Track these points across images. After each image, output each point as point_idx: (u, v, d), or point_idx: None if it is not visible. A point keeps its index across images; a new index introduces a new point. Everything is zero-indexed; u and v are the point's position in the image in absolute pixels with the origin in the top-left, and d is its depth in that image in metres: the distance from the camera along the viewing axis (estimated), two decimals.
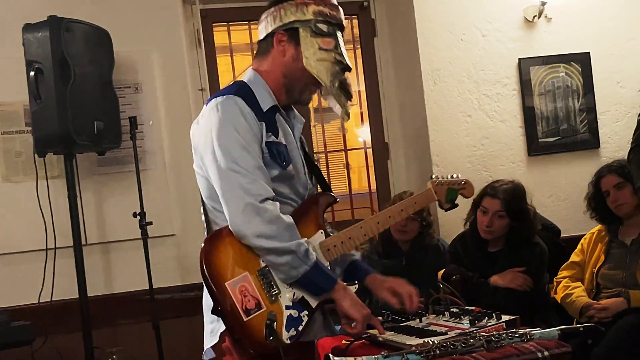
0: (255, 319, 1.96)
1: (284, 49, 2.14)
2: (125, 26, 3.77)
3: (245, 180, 1.97)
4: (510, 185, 3.48)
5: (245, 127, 2.02)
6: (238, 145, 1.99)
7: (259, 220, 1.96)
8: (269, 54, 2.17)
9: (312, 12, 2.12)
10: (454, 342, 1.90)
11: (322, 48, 2.12)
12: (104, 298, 3.76)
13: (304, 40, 2.12)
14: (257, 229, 1.96)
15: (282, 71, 2.15)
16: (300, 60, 2.12)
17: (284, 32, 2.13)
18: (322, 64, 2.12)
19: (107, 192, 3.81)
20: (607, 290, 3.35)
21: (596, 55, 4.33)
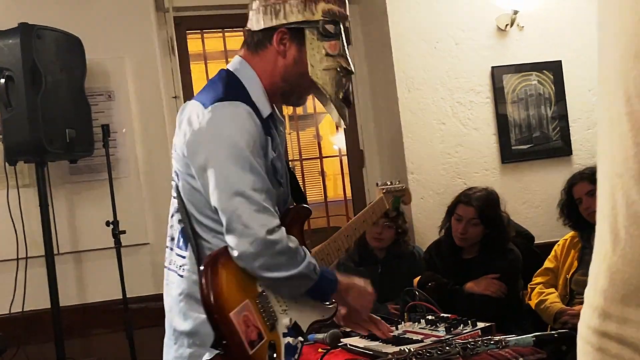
0: (259, 351, 1.78)
1: (285, 50, 1.89)
2: (97, 33, 3.74)
3: (254, 208, 1.74)
4: (484, 192, 3.50)
5: (256, 143, 1.78)
6: (248, 165, 1.75)
7: (267, 254, 1.75)
8: (265, 50, 1.91)
9: (321, 11, 1.88)
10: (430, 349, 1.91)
11: (329, 54, 1.89)
12: (76, 308, 3.71)
13: (310, 44, 1.88)
14: (266, 262, 1.76)
15: (282, 74, 1.91)
16: (304, 65, 1.89)
17: (286, 30, 1.88)
18: (328, 74, 1.90)
19: (79, 201, 3.77)
20: (580, 296, 3.37)
21: (568, 64, 4.38)
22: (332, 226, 4.63)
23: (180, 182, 1.88)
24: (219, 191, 1.76)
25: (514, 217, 4.06)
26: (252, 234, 1.73)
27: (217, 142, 1.77)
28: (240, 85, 1.88)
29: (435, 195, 4.13)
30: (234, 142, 1.76)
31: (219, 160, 1.76)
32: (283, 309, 1.86)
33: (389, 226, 3.71)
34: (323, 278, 1.88)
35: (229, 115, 1.78)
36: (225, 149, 1.76)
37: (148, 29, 3.91)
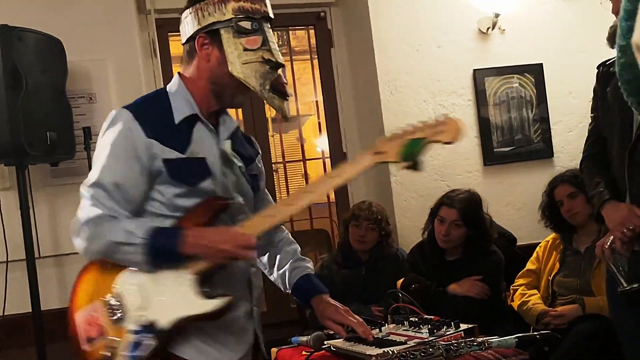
0: (96, 346, 1.94)
1: (208, 53, 1.96)
2: (78, 35, 3.71)
3: (89, 202, 1.90)
4: (467, 194, 3.52)
5: (120, 144, 1.89)
6: (102, 162, 1.91)
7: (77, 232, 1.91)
8: (194, 58, 1.99)
9: (231, 9, 1.93)
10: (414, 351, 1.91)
11: (247, 49, 1.93)
12: (58, 312, 3.67)
13: (227, 42, 1.93)
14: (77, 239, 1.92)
15: (209, 77, 1.97)
16: (226, 64, 1.94)
17: (205, 35, 1.95)
18: (249, 67, 1.93)
19: (60, 204, 3.74)
20: (562, 297, 3.40)
21: (549, 67, 4.41)
22: (315, 228, 4.63)
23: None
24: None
25: (497, 219, 4.08)
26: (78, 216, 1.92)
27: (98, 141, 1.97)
28: (157, 94, 2.07)
29: (418, 198, 4.14)
30: (103, 139, 1.94)
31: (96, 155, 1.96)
32: (141, 307, 1.87)
33: (372, 228, 3.72)
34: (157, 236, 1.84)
35: (109, 117, 1.97)
36: (98, 143, 1.96)
37: (130, 31, 3.90)
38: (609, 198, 2.48)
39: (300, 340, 2.45)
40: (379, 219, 3.73)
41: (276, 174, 4.62)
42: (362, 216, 3.73)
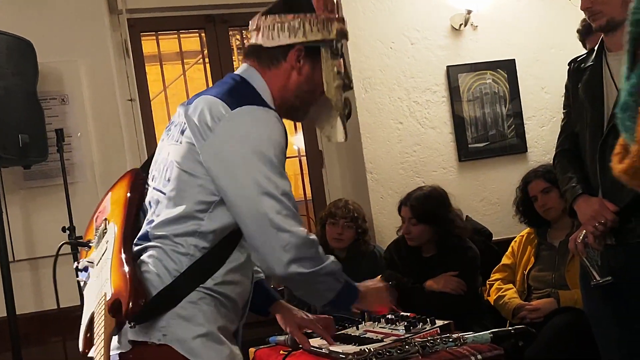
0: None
1: (302, 67, 1.89)
2: (49, 36, 3.67)
3: (284, 212, 1.72)
4: (425, 191, 3.54)
5: (283, 151, 1.78)
6: (280, 173, 1.74)
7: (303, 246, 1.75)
8: (279, 66, 1.89)
9: (335, 30, 1.89)
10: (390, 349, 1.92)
11: (339, 72, 1.91)
12: (33, 316, 3.65)
13: (326, 62, 1.89)
14: (300, 253, 1.74)
15: (294, 90, 1.90)
16: (316, 84, 1.89)
17: (303, 48, 1.88)
18: (339, 91, 1.91)
19: (34, 207, 3.70)
20: (537, 291, 3.43)
21: (521, 62, 4.45)
22: None
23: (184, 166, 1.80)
24: (245, 191, 1.73)
25: (472, 214, 4.12)
26: (280, 229, 1.71)
27: (247, 144, 1.73)
28: (257, 93, 1.86)
29: (394, 195, 4.15)
30: (264, 147, 1.74)
31: (247, 161, 1.73)
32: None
33: (349, 226, 3.73)
34: (349, 286, 1.89)
35: (260, 119, 1.76)
36: (256, 152, 1.73)
37: (101, 32, 3.86)
38: (582, 193, 2.51)
39: (278, 340, 2.45)
40: (355, 217, 3.74)
41: None
42: (339, 214, 3.73)
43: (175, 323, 1.71)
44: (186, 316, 1.71)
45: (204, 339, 1.71)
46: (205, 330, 1.72)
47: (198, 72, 4.70)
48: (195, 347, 1.70)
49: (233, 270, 1.79)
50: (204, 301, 1.74)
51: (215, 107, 1.77)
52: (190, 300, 1.73)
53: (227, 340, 1.76)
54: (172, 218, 1.77)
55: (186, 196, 1.77)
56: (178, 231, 1.76)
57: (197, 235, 1.75)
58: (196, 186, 1.76)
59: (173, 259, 1.75)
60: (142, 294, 1.67)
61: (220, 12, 4.28)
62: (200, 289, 1.74)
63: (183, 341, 1.70)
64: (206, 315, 1.73)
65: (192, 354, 1.70)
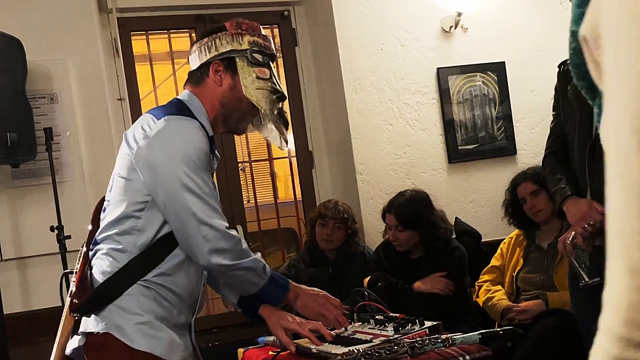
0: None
1: (221, 79, 2.13)
2: (38, 35, 3.66)
3: (207, 207, 1.96)
4: (407, 196, 3.51)
5: (203, 155, 2.00)
6: (199, 174, 1.97)
7: (221, 239, 1.96)
8: (204, 83, 2.15)
9: (247, 42, 2.14)
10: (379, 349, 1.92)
11: (259, 77, 2.13)
12: (21, 315, 3.63)
13: (242, 69, 2.12)
14: (218, 244, 1.96)
15: (220, 100, 2.13)
16: (239, 90, 2.12)
17: (220, 62, 2.13)
18: (261, 92, 2.13)
19: (22, 206, 3.68)
20: (526, 293, 3.44)
21: (511, 65, 4.46)
22: (282, 227, 4.62)
23: (122, 182, 2.05)
24: (169, 189, 1.95)
25: (461, 215, 4.12)
26: (204, 222, 1.94)
27: (170, 148, 1.97)
28: (189, 110, 2.09)
29: (384, 196, 4.15)
30: (186, 150, 1.96)
31: (171, 162, 1.95)
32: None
33: (338, 227, 3.73)
34: (274, 282, 2.12)
35: (182, 127, 2.00)
36: (178, 154, 1.96)
37: (91, 30, 3.85)
38: (571, 194, 2.52)
39: (266, 340, 2.44)
40: (345, 218, 3.74)
41: (243, 173, 4.60)
42: (329, 215, 3.73)
43: (113, 312, 1.95)
44: (123, 306, 1.95)
45: (141, 326, 1.94)
46: (142, 320, 1.94)
47: None
48: (132, 334, 1.93)
49: (175, 265, 2.00)
50: (141, 293, 1.96)
51: (145, 120, 2.05)
52: (129, 292, 1.96)
53: (168, 329, 1.98)
54: (113, 220, 2.01)
55: (124, 199, 2.01)
56: (118, 230, 2.00)
57: (134, 232, 1.98)
58: (132, 189, 2.00)
59: (113, 256, 1.99)
60: (83, 291, 1.96)
61: (210, 12, 4.28)
62: (140, 283, 1.97)
63: (120, 328, 1.94)
64: (142, 305, 1.95)
65: (129, 340, 1.93)
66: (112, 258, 2.00)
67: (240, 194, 4.35)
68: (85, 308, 1.97)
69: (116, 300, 1.95)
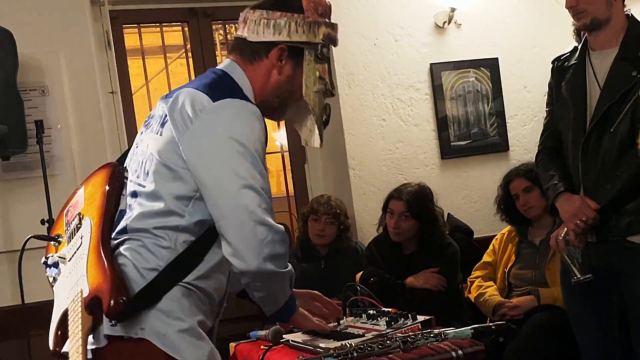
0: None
1: (282, 66, 1.86)
2: (29, 27, 3.63)
3: (264, 206, 1.70)
4: (415, 187, 3.55)
5: (263, 148, 1.77)
6: (259, 169, 1.72)
7: (279, 242, 1.71)
8: (261, 62, 1.87)
9: (322, 35, 1.87)
10: (371, 343, 1.92)
11: (321, 77, 1.89)
12: (12, 309, 3.60)
13: (308, 65, 1.87)
14: (276, 249, 1.70)
15: (274, 89, 1.88)
16: (297, 86, 1.88)
17: (286, 48, 1.85)
18: (318, 96, 1.90)
19: (13, 199, 3.66)
20: (518, 288, 3.45)
21: (504, 61, 4.46)
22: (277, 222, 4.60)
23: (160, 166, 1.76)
24: (223, 182, 1.70)
25: (454, 211, 4.13)
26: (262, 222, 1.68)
27: (228, 136, 1.71)
28: (238, 87, 1.83)
29: (377, 192, 4.15)
30: (247, 140, 1.71)
31: (228, 153, 1.70)
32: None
33: (331, 222, 3.72)
34: (292, 295, 1.87)
35: (243, 113, 1.74)
36: (236, 145, 1.70)
37: (83, 23, 3.82)
38: (563, 190, 2.52)
39: (259, 335, 2.44)
40: (337, 213, 3.74)
41: None
42: (321, 210, 3.73)
43: (154, 317, 1.66)
44: (166, 310, 1.67)
45: (184, 334, 1.67)
46: (186, 325, 1.68)
47: (180, 67, 4.67)
48: (175, 342, 1.66)
49: (212, 265, 1.75)
50: (184, 296, 1.70)
51: (197, 99, 1.74)
52: (172, 295, 1.69)
53: (206, 336, 1.73)
54: (153, 212, 1.73)
55: (166, 190, 1.73)
56: (159, 224, 1.72)
57: (178, 229, 1.72)
58: (176, 180, 1.73)
59: (154, 252, 1.71)
60: (123, 292, 1.62)
61: (203, 5, 4.25)
62: (181, 284, 1.70)
63: (162, 335, 1.66)
64: (185, 309, 1.69)
65: (171, 349, 1.65)
66: (153, 254, 1.71)
67: None
68: (125, 314, 1.64)
69: (158, 304, 1.68)
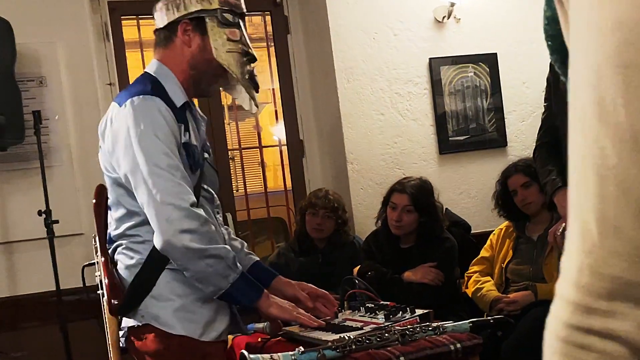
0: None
1: (190, 39, 2.04)
2: (27, 17, 3.61)
3: (170, 184, 1.85)
4: (418, 181, 3.56)
5: (166, 131, 1.91)
6: (160, 151, 1.88)
7: (185, 218, 1.84)
8: (172, 43, 2.06)
9: (217, 1, 2.05)
10: (370, 336, 1.91)
11: (230, 39, 2.05)
12: (7, 300, 3.60)
13: (212, 30, 2.04)
14: (183, 225, 1.84)
15: (189, 62, 2.05)
16: (209, 52, 2.04)
17: (188, 22, 2.04)
18: (232, 55, 2.05)
19: (10, 190, 3.65)
20: (515, 284, 3.45)
21: (503, 56, 4.46)
22: (272, 216, 4.61)
23: (105, 176, 2.05)
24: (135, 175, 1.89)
25: (451, 207, 4.12)
26: (169, 202, 1.84)
27: (128, 132, 1.90)
28: (155, 81, 2.02)
29: (374, 186, 4.15)
30: (146, 129, 1.89)
31: (133, 148, 1.89)
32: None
33: (328, 216, 3.72)
34: (246, 279, 1.98)
35: (139, 107, 1.91)
36: (136, 135, 1.88)
37: (81, 14, 3.81)
38: (561, 185, 2.52)
39: (256, 327, 2.43)
40: (335, 207, 3.73)
41: (232, 161, 4.58)
42: (319, 204, 3.72)
43: (149, 303, 1.95)
44: (157, 295, 1.94)
45: (177, 312, 1.93)
46: (177, 304, 1.94)
47: None
48: (169, 320, 1.93)
49: None
50: (172, 278, 1.95)
51: (111, 110, 2.00)
52: (162, 280, 1.95)
53: (205, 308, 1.95)
54: (120, 217, 2.01)
55: (119, 196, 2.00)
56: (129, 226, 1.99)
57: (145, 223, 1.94)
58: (120, 185, 1.98)
59: (134, 249, 1.98)
60: (117, 293, 1.95)
61: None
62: (168, 268, 1.95)
63: (158, 317, 1.94)
64: (175, 290, 1.94)
65: (167, 327, 1.93)
66: (133, 251, 1.98)
67: (230, 182, 4.33)
68: (126, 307, 1.97)
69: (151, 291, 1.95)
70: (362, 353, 1.87)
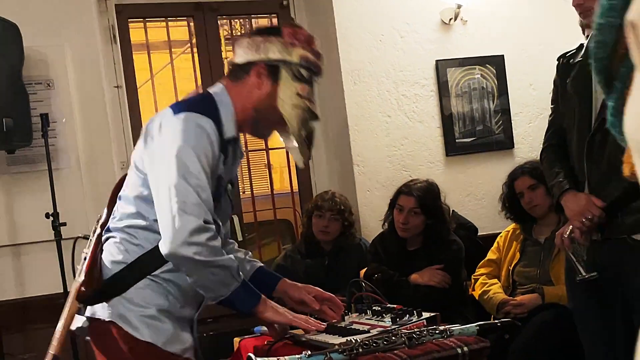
0: None
1: (261, 83, 2.06)
2: (35, 20, 3.63)
3: (191, 199, 1.87)
4: (425, 184, 3.55)
5: (207, 154, 1.93)
6: (194, 170, 1.90)
7: (195, 231, 1.86)
8: (243, 80, 2.08)
9: (297, 55, 2.07)
10: (377, 339, 1.91)
11: (299, 94, 2.07)
12: (15, 302, 3.61)
13: (284, 81, 2.06)
14: (192, 237, 1.85)
15: (254, 104, 2.07)
16: (275, 100, 2.06)
17: (265, 66, 2.06)
18: (295, 110, 2.07)
19: (17, 192, 3.66)
20: (522, 286, 3.44)
21: (510, 58, 4.45)
22: (278, 219, 4.61)
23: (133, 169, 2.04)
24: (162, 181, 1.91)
25: (458, 209, 4.12)
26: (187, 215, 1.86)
27: (173, 142, 1.91)
28: (213, 105, 2.04)
29: (381, 188, 4.15)
30: (191, 143, 1.91)
31: (171, 158, 1.90)
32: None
33: (335, 219, 3.72)
34: (246, 287, 2.01)
35: (193, 125, 1.93)
36: (179, 149, 1.90)
37: (88, 17, 3.82)
38: (569, 188, 2.51)
39: (262, 330, 2.44)
40: (342, 210, 3.73)
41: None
42: (325, 207, 3.72)
43: (118, 302, 1.98)
44: (129, 298, 1.97)
45: (144, 318, 1.96)
46: (147, 312, 1.96)
47: (186, 62, 4.66)
48: (135, 323, 1.96)
49: None
50: (149, 287, 1.98)
51: (164, 113, 2.00)
52: (137, 285, 1.98)
53: (171, 322, 1.99)
54: (128, 213, 2.02)
55: (135, 194, 2.01)
56: (129, 224, 2.01)
57: (146, 229, 1.98)
58: (143, 185, 1.99)
59: (126, 248, 2.01)
60: (93, 282, 1.99)
61: (209, 0, 4.25)
62: (149, 277, 1.98)
63: (124, 318, 1.97)
64: (148, 298, 1.97)
65: (132, 329, 1.96)
66: (124, 249, 2.01)
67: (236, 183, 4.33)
68: (93, 299, 2.00)
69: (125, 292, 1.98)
70: (369, 356, 1.87)
